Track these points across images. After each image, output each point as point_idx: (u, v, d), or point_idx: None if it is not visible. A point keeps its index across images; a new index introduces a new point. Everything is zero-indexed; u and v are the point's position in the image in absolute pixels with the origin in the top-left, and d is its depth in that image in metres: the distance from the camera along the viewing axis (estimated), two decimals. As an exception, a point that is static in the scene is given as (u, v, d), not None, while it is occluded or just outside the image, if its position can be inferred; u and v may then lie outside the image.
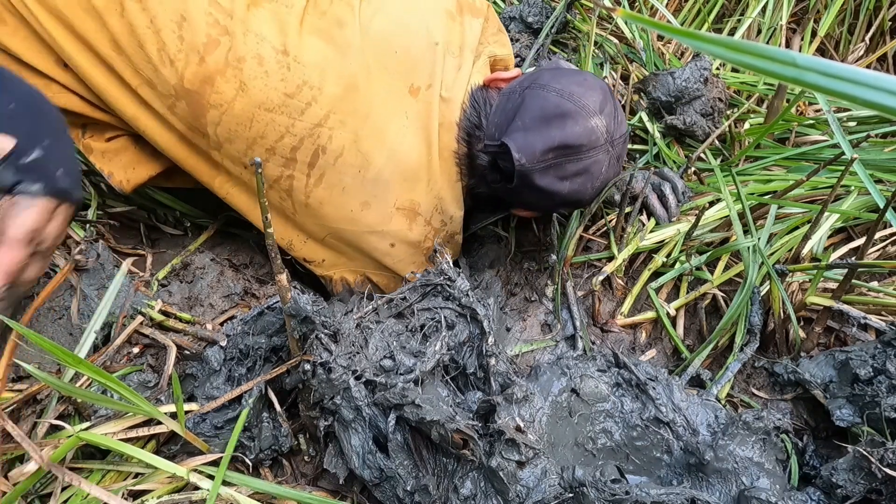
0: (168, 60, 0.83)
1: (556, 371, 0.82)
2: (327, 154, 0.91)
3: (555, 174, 0.95)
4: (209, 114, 0.86)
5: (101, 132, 0.94)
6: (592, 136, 0.93)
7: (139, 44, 0.82)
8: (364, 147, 0.92)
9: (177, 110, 0.86)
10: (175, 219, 1.11)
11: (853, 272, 0.88)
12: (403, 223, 1.00)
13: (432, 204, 1.01)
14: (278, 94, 0.87)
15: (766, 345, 0.99)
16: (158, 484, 0.70)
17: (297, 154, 0.90)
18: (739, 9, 2.05)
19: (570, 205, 1.05)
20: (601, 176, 0.99)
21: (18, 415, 0.71)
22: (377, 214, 0.97)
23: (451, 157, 1.02)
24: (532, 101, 0.96)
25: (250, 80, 0.85)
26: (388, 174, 0.95)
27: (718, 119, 1.40)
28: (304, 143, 0.90)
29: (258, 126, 0.87)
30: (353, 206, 0.96)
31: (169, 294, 0.93)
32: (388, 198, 0.97)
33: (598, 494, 0.67)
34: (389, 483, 0.73)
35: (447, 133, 1.00)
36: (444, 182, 1.02)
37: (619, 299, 1.07)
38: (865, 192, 1.09)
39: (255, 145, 0.89)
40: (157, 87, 0.84)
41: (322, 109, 0.89)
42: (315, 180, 0.93)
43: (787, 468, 0.78)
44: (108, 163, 0.94)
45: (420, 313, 0.84)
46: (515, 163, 0.93)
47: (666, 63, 1.67)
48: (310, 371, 0.74)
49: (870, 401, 0.78)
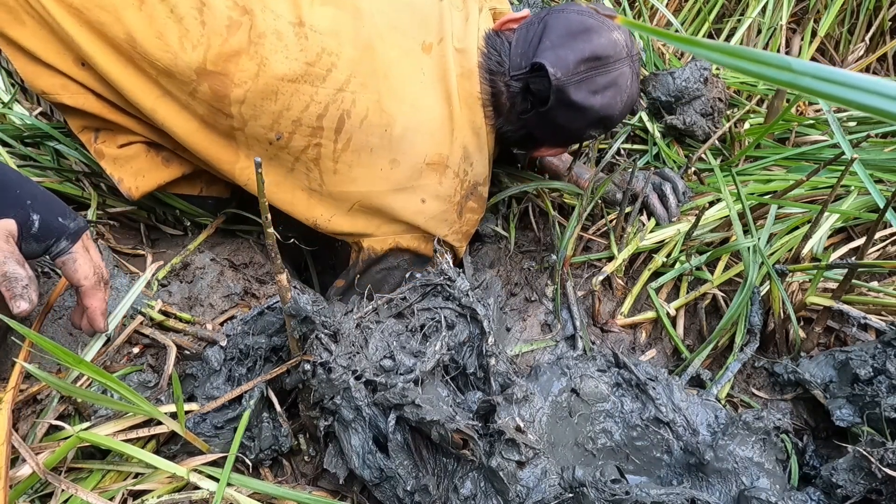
0: (190, 46, 0.84)
1: (556, 371, 0.83)
2: (352, 118, 0.93)
3: (587, 88, 0.98)
4: (233, 93, 0.87)
5: (113, 138, 0.95)
6: (616, 47, 0.99)
7: (158, 34, 0.83)
8: (387, 106, 0.94)
9: (198, 95, 0.87)
10: (175, 218, 1.11)
11: (853, 272, 0.88)
12: (434, 177, 1.01)
13: (459, 154, 1.02)
14: (299, 65, 0.88)
15: (766, 345, 0.99)
16: (158, 484, 0.70)
17: (322, 122, 0.91)
18: (739, 9, 2.05)
19: (602, 123, 1.06)
20: (627, 90, 1.02)
21: (18, 415, 0.71)
22: (407, 170, 0.98)
23: (476, 102, 1.03)
24: (555, 22, 1.00)
25: (272, 55, 0.87)
26: (414, 130, 0.97)
27: (718, 119, 1.40)
28: (329, 110, 0.91)
29: (283, 98, 0.89)
30: (382, 165, 0.97)
31: (169, 294, 0.93)
32: (416, 153, 0.98)
33: (598, 494, 0.67)
34: (389, 483, 0.73)
35: (467, 81, 1.02)
36: (468, 130, 1.03)
37: (619, 299, 1.07)
38: (865, 192, 1.09)
39: (281, 118, 0.90)
40: (176, 75, 0.85)
41: (343, 74, 0.91)
42: (343, 145, 0.94)
43: (787, 468, 0.78)
44: (118, 168, 0.95)
45: (420, 313, 0.84)
46: (551, 77, 0.96)
47: (666, 63, 1.67)
48: (310, 371, 0.74)
49: (870, 401, 0.78)
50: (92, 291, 0.69)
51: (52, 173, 1.05)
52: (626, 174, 1.25)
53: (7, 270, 0.60)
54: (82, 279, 0.68)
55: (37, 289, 0.62)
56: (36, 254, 0.66)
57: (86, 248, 0.70)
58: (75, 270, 0.68)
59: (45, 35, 0.85)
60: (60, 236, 0.67)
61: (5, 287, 0.60)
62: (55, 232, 0.67)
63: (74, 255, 0.68)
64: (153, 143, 0.98)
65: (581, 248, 1.17)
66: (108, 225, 1.03)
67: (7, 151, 1.02)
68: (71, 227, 0.68)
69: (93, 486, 0.68)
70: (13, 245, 0.62)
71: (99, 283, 0.70)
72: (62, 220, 0.67)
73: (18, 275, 0.60)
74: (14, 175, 0.68)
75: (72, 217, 0.69)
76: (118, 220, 1.07)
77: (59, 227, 0.67)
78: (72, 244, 0.68)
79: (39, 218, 0.65)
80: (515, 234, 1.24)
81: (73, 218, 0.69)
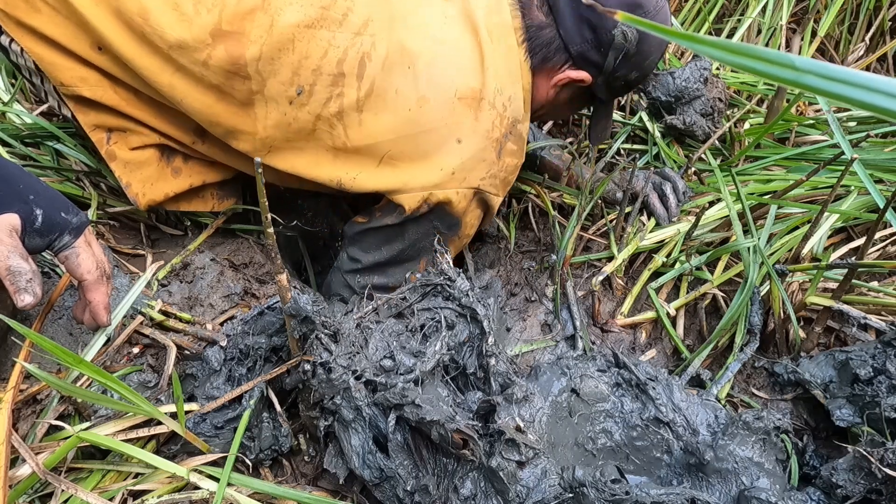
0: (205, 10, 0.85)
1: (556, 371, 0.83)
2: (373, 61, 0.91)
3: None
4: (249, 51, 0.86)
5: (125, 139, 0.94)
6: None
7: (174, 5, 0.84)
8: (409, 44, 0.92)
9: (213, 62, 0.86)
10: (175, 218, 1.11)
11: (853, 272, 0.88)
12: (468, 113, 0.95)
13: (493, 85, 0.97)
14: (314, 10, 0.88)
15: (766, 345, 0.99)
16: (158, 484, 0.70)
17: (343, 67, 0.90)
18: (739, 9, 2.05)
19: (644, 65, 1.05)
20: None
21: (18, 415, 0.71)
22: (438, 107, 0.94)
23: (507, 31, 1.00)
24: None
25: (286, 6, 0.87)
26: (440, 63, 0.94)
27: (718, 119, 1.40)
28: (349, 54, 0.90)
29: (301, 46, 0.88)
30: (410, 105, 0.93)
31: (169, 294, 0.93)
32: (445, 87, 0.94)
33: (598, 494, 0.67)
34: (389, 483, 0.73)
35: (495, 14, 0.99)
36: (500, 61, 0.98)
37: (619, 299, 1.07)
38: (865, 192, 1.09)
39: (301, 69, 0.89)
40: (190, 42, 0.85)
41: (360, 17, 0.90)
42: (366, 91, 0.91)
43: (787, 468, 0.78)
44: (128, 173, 0.95)
45: (420, 313, 0.84)
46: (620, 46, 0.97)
47: (666, 63, 1.67)
48: (310, 371, 0.74)
49: (870, 401, 0.78)
50: (95, 286, 0.70)
51: (53, 173, 1.05)
52: (626, 174, 1.25)
53: (11, 265, 0.60)
54: (85, 273, 0.69)
55: (41, 283, 0.62)
56: (39, 248, 0.66)
57: (88, 243, 0.70)
58: (78, 265, 0.68)
59: (60, 20, 0.85)
60: (63, 231, 0.67)
61: (9, 281, 0.60)
62: (58, 227, 0.67)
63: (77, 250, 0.68)
64: (166, 148, 0.98)
65: (581, 248, 1.17)
66: (108, 225, 1.03)
67: (7, 151, 1.02)
68: (74, 222, 0.68)
69: (93, 486, 0.68)
70: (17, 239, 0.62)
71: (101, 278, 0.71)
72: (65, 215, 0.68)
73: (22, 269, 0.61)
74: (17, 170, 0.68)
75: (74, 212, 0.69)
76: (118, 220, 1.07)
77: (62, 222, 0.67)
78: (74, 239, 0.68)
79: (42, 213, 0.65)
80: (515, 234, 1.24)
81: (75, 213, 0.69)
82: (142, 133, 0.94)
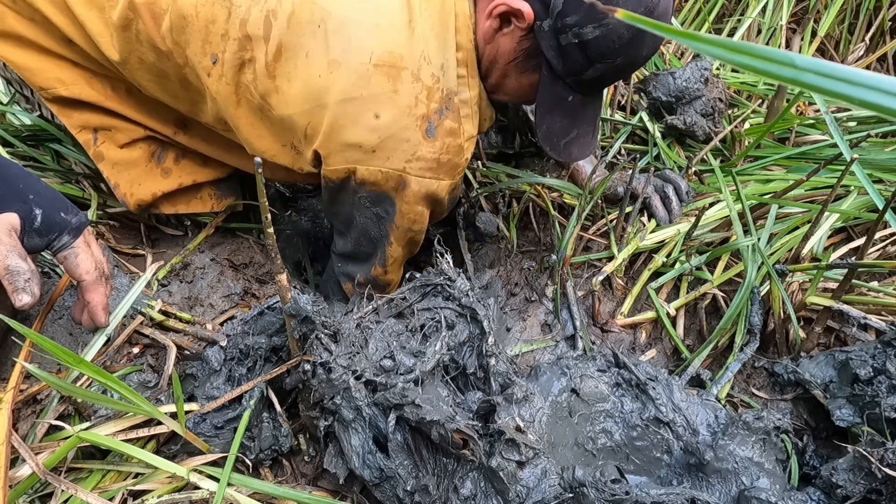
0: None
1: (556, 371, 0.82)
2: (279, 18, 0.81)
3: None
4: (163, 23, 0.83)
5: (112, 137, 0.94)
6: None
7: None
8: (320, 0, 0.82)
9: (141, 37, 0.84)
10: (175, 218, 1.11)
11: (853, 272, 0.88)
12: (385, 83, 0.82)
13: (419, 51, 0.83)
14: None
15: (766, 345, 0.99)
16: (158, 484, 0.70)
17: (248, 28, 0.82)
18: (739, 9, 2.05)
19: None
20: None
21: (18, 415, 0.71)
22: (350, 74, 0.82)
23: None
24: None
25: None
26: (354, 22, 0.82)
27: (718, 119, 1.40)
28: (252, 13, 0.82)
29: (204, 10, 0.83)
30: (320, 71, 0.82)
31: (169, 294, 0.93)
32: (359, 51, 0.82)
33: (598, 494, 0.67)
34: (389, 483, 0.73)
35: None
36: (434, 18, 0.85)
37: (619, 299, 1.07)
38: (865, 193, 1.09)
39: (210, 35, 0.83)
40: (114, 19, 0.83)
41: None
42: (274, 55, 0.82)
43: (787, 468, 0.77)
44: (115, 174, 0.95)
45: (420, 313, 0.84)
46: None
47: (666, 63, 1.67)
48: (310, 371, 0.74)
49: (870, 401, 0.78)
50: (93, 286, 0.70)
51: (53, 174, 1.05)
52: (626, 174, 1.25)
53: (9, 264, 0.60)
54: (84, 274, 0.69)
55: (39, 282, 0.62)
56: (38, 248, 0.66)
57: (87, 243, 0.70)
58: (77, 265, 0.68)
59: (26, 23, 0.86)
60: (62, 231, 0.67)
61: (7, 281, 0.60)
62: (57, 226, 0.67)
63: (76, 250, 0.68)
64: (155, 143, 0.98)
65: (581, 248, 1.17)
66: (108, 225, 1.03)
67: (9, 151, 1.02)
68: (73, 222, 0.68)
69: (93, 487, 0.68)
70: (15, 239, 0.62)
71: (100, 278, 0.71)
72: (64, 215, 0.68)
73: (21, 268, 0.61)
74: (17, 170, 0.68)
75: (74, 212, 0.69)
76: (118, 220, 1.07)
77: (62, 222, 0.67)
78: (74, 239, 0.68)
79: (42, 212, 0.65)
80: (515, 234, 1.24)
81: (74, 213, 0.69)
82: (127, 128, 0.94)
